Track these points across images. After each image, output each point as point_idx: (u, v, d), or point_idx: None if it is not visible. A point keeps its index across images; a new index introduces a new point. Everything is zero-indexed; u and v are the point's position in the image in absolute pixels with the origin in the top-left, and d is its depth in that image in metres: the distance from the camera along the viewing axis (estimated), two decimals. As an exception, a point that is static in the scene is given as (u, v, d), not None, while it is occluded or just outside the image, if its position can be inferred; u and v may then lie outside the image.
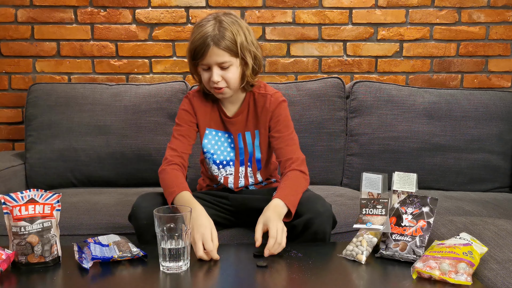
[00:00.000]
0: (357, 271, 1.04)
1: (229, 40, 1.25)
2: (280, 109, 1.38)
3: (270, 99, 1.37)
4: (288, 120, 1.39)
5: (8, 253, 1.02)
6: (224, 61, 1.26)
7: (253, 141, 1.41)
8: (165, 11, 2.19)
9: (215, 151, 1.42)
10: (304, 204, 1.24)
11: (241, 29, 1.28)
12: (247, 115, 1.40)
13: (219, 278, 1.02)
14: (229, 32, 1.25)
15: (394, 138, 1.94)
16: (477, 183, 1.96)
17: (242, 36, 1.28)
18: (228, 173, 1.43)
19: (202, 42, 1.24)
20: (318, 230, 1.22)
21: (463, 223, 1.29)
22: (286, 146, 1.35)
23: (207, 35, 1.24)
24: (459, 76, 2.27)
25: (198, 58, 1.27)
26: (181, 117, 1.41)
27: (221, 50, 1.25)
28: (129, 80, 2.24)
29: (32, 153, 1.95)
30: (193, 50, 1.27)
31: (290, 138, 1.37)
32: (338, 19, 2.21)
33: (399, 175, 1.18)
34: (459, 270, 0.95)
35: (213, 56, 1.25)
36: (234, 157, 1.42)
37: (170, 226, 1.01)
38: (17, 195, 1.06)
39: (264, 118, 1.38)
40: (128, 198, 1.68)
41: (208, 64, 1.27)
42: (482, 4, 2.20)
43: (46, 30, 2.19)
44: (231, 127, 1.41)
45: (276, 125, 1.37)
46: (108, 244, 1.13)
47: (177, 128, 1.39)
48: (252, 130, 1.40)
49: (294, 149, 1.36)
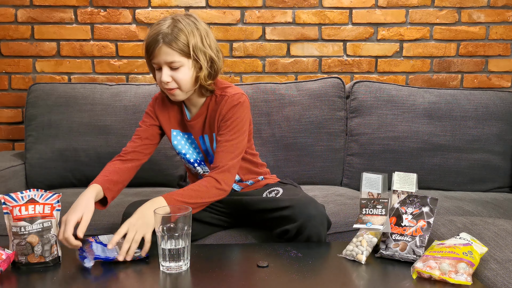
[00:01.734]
0: (357, 271, 1.04)
1: (181, 40, 1.23)
2: (232, 111, 1.30)
3: (226, 100, 1.31)
4: (238, 124, 1.30)
5: (8, 253, 1.02)
6: (173, 60, 1.24)
7: (211, 145, 1.37)
8: (165, 11, 2.19)
9: (186, 151, 1.41)
10: (296, 208, 1.23)
11: (197, 31, 1.25)
12: (205, 118, 1.36)
13: (219, 278, 1.02)
14: (182, 32, 1.23)
15: (394, 138, 1.94)
16: (477, 183, 1.96)
17: (197, 38, 1.25)
18: (205, 170, 1.42)
19: (153, 40, 1.23)
20: (312, 233, 1.22)
21: (463, 223, 1.29)
22: (221, 151, 1.28)
23: (159, 33, 1.22)
24: (459, 76, 2.27)
25: (149, 56, 1.26)
26: (143, 119, 1.42)
27: (171, 49, 1.22)
28: (129, 80, 2.24)
29: (32, 153, 1.95)
30: (145, 47, 1.26)
31: (230, 145, 1.29)
32: (338, 19, 2.21)
33: (399, 175, 1.18)
34: (459, 270, 0.95)
35: (162, 54, 1.23)
36: (202, 158, 1.41)
37: (170, 226, 1.01)
38: (17, 195, 1.06)
39: (217, 120, 1.33)
40: (128, 198, 1.68)
41: (158, 63, 1.25)
42: (482, 4, 2.20)
43: (46, 30, 2.19)
44: (191, 129, 1.39)
45: (222, 128, 1.31)
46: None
47: (137, 128, 1.41)
48: (210, 133, 1.36)
49: (228, 157, 1.27)
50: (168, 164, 1.94)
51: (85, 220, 1.11)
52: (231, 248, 1.23)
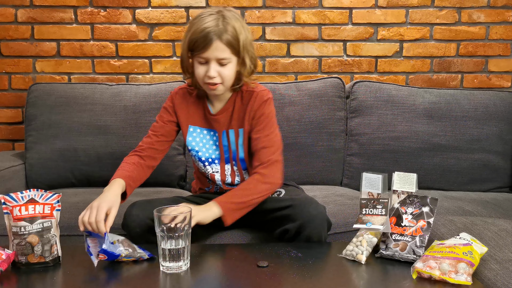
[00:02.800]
0: (357, 271, 1.04)
1: (234, 38, 1.23)
2: (264, 107, 1.34)
3: (256, 96, 1.34)
4: (270, 119, 1.35)
5: (8, 253, 1.02)
6: (225, 57, 1.24)
7: (236, 140, 1.38)
8: (165, 11, 2.19)
9: (199, 148, 1.40)
10: (297, 207, 1.23)
11: (244, 28, 1.27)
12: (232, 113, 1.37)
13: (219, 278, 1.02)
14: (234, 30, 1.23)
15: (394, 138, 1.94)
16: (477, 183, 1.96)
17: (246, 35, 1.26)
18: (215, 170, 1.41)
19: (205, 34, 1.21)
20: (312, 233, 1.22)
21: (463, 223, 1.29)
22: (263, 147, 1.31)
23: (212, 28, 1.21)
24: (459, 76, 2.27)
25: (198, 50, 1.24)
26: (160, 114, 1.41)
27: (224, 46, 1.23)
28: (129, 80, 2.24)
29: (32, 153, 1.95)
30: (193, 41, 1.23)
31: (269, 139, 1.32)
32: (338, 19, 2.21)
33: (399, 175, 1.18)
34: (459, 270, 0.95)
35: (215, 50, 1.23)
36: (219, 155, 1.40)
37: (170, 226, 1.01)
38: (17, 195, 1.06)
39: (248, 116, 1.35)
40: (128, 198, 1.67)
41: (207, 58, 1.24)
42: (482, 4, 2.20)
43: (46, 30, 2.19)
44: (215, 124, 1.38)
45: (257, 125, 1.34)
46: (113, 242, 1.10)
47: (154, 123, 1.41)
48: (236, 128, 1.37)
49: (269, 151, 1.31)
50: (168, 164, 1.94)
51: (113, 215, 1.12)
52: (231, 248, 1.23)
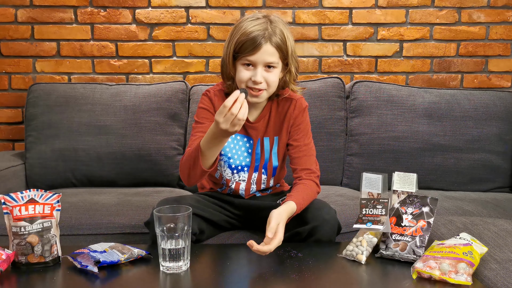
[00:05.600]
0: (357, 271, 1.04)
1: (281, 41, 1.21)
2: (303, 115, 1.34)
3: (295, 104, 1.33)
4: (309, 128, 1.36)
5: (8, 253, 1.02)
6: (273, 61, 1.21)
7: (271, 148, 1.36)
8: (165, 11, 2.19)
9: (232, 155, 1.35)
10: (310, 211, 1.23)
11: (290, 34, 1.25)
12: (268, 120, 1.34)
13: (219, 278, 1.02)
14: (283, 35, 1.22)
15: (394, 138, 1.94)
16: (477, 183, 1.96)
17: (290, 40, 1.24)
18: (241, 179, 1.37)
19: (256, 37, 1.18)
20: (323, 238, 1.21)
21: (463, 223, 1.29)
22: (304, 155, 1.32)
23: (259, 31, 1.18)
24: (459, 76, 2.27)
25: (246, 53, 1.20)
26: (201, 115, 1.32)
27: (274, 50, 1.20)
28: (129, 80, 2.24)
29: (32, 153, 1.95)
30: (241, 43, 1.19)
31: (309, 148, 1.33)
32: (338, 19, 2.21)
33: (399, 175, 1.18)
34: (459, 270, 0.95)
35: (265, 54, 1.20)
36: (249, 163, 1.36)
37: (170, 226, 1.01)
38: (17, 195, 1.06)
39: (286, 124, 1.33)
40: (128, 198, 1.68)
41: (255, 62, 1.21)
42: (482, 4, 2.20)
43: (46, 30, 2.19)
44: (252, 131, 1.34)
45: (296, 133, 1.33)
46: (105, 250, 1.08)
47: (197, 125, 1.30)
48: (272, 136, 1.35)
49: (312, 160, 1.33)
50: (168, 164, 1.94)
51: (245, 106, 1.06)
52: (231, 248, 1.23)
